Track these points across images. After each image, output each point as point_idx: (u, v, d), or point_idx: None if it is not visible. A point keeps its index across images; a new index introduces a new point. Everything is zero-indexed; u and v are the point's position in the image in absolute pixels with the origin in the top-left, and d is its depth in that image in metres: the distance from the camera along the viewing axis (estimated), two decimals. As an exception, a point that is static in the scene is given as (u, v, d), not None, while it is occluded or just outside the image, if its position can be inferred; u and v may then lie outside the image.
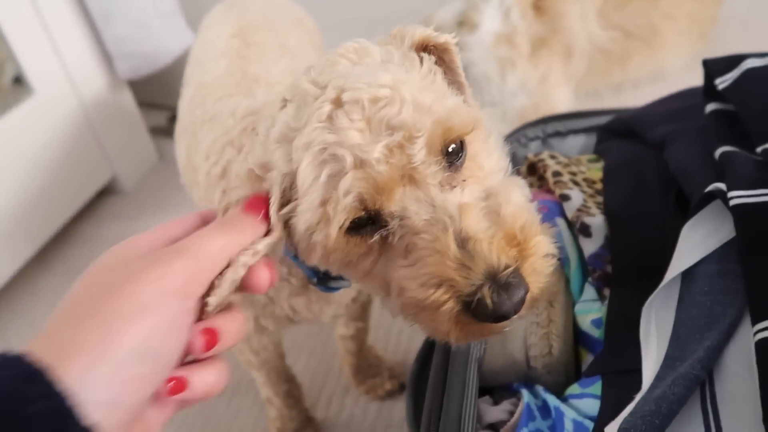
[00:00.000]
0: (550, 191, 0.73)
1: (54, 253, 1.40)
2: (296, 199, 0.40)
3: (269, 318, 0.65)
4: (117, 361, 0.29)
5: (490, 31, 1.40)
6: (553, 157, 0.77)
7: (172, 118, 1.72)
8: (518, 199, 0.41)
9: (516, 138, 0.88)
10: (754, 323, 0.41)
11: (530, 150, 0.87)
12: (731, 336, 0.45)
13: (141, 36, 1.38)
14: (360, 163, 0.37)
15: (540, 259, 0.39)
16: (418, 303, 0.38)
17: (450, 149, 0.40)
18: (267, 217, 0.38)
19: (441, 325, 0.38)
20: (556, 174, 0.72)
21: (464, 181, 0.41)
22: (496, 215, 0.39)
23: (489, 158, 0.43)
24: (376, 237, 0.39)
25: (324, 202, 0.38)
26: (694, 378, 0.43)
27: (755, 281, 0.43)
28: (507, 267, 0.36)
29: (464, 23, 1.43)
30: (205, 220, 0.40)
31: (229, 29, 0.82)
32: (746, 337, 0.43)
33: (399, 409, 0.93)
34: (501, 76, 1.41)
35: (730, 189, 0.47)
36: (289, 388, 0.85)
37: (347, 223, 0.38)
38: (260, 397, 0.89)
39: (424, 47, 0.46)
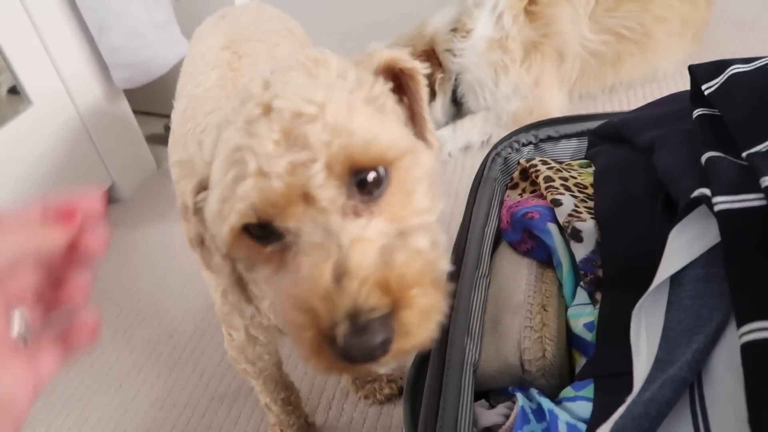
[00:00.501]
0: (542, 196, 0.74)
1: (53, 263, 1.40)
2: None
3: (258, 328, 0.66)
4: None
5: (483, 36, 1.41)
6: (545, 162, 0.78)
7: (169, 127, 1.73)
8: (420, 245, 0.40)
9: (509, 143, 0.89)
10: (738, 326, 0.42)
11: (523, 155, 0.88)
12: (718, 339, 0.46)
13: (137, 46, 1.39)
14: (262, 173, 0.37)
15: (419, 311, 0.37)
16: (288, 322, 0.38)
17: (369, 178, 0.39)
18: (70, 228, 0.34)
19: (303, 350, 0.37)
20: (548, 179, 0.74)
21: (372, 213, 0.40)
22: (389, 256, 0.37)
23: (416, 197, 0.42)
24: (270, 248, 0.40)
25: (224, 200, 0.39)
26: (683, 380, 0.44)
27: (739, 285, 0.44)
28: (372, 310, 0.35)
29: (458, 29, 1.45)
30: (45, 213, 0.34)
31: (219, 41, 0.83)
32: (732, 339, 0.44)
33: (398, 413, 0.94)
34: (494, 81, 1.42)
35: (714, 194, 0.48)
36: (287, 395, 0.86)
37: (238, 225, 0.39)
38: (260, 404, 0.90)
39: (392, 70, 0.46)
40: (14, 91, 1.29)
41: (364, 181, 0.39)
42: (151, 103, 1.74)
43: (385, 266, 0.37)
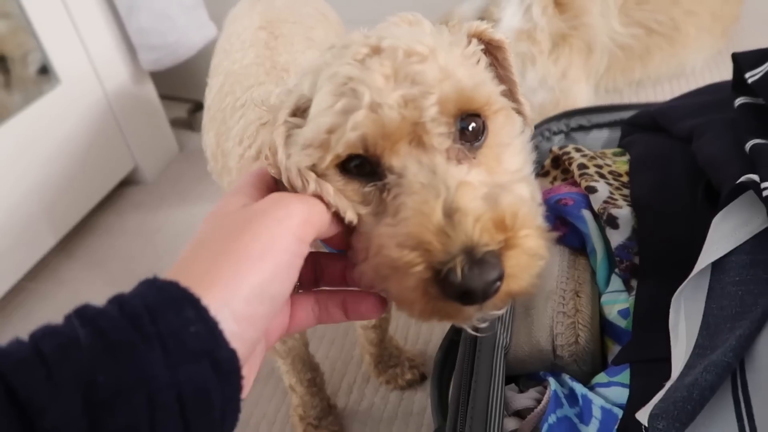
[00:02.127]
0: (575, 184, 0.73)
1: (77, 242, 1.42)
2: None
3: None
4: (244, 299, 0.30)
5: (511, 27, 1.40)
6: (578, 150, 0.77)
7: (193, 111, 1.74)
8: (523, 193, 0.40)
9: (540, 132, 0.88)
10: (788, 312, 0.41)
11: (554, 143, 0.88)
12: (763, 325, 0.45)
13: (164, 28, 1.39)
14: (375, 106, 0.37)
15: (526, 253, 0.36)
16: (391, 263, 0.36)
17: (470, 128, 0.39)
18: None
19: (407, 292, 0.36)
20: (582, 167, 0.73)
21: (475, 160, 0.40)
22: (493, 201, 0.37)
23: (509, 154, 0.42)
24: (370, 187, 0.39)
25: (330, 131, 0.38)
26: (726, 365, 0.44)
27: (789, 270, 0.43)
28: (486, 245, 0.34)
29: (485, 19, 1.44)
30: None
31: (256, 22, 0.83)
32: (778, 325, 0.44)
33: (419, 398, 0.94)
34: (521, 72, 1.41)
35: (763, 180, 0.48)
36: (313, 376, 0.87)
37: (344, 156, 0.38)
38: (281, 385, 0.90)
39: (480, 40, 0.45)
40: (44, 70, 1.30)
41: (465, 129, 0.39)
42: (176, 87, 1.75)
43: (491, 209, 0.36)
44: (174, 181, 1.59)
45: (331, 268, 0.43)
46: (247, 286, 0.30)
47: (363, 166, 0.39)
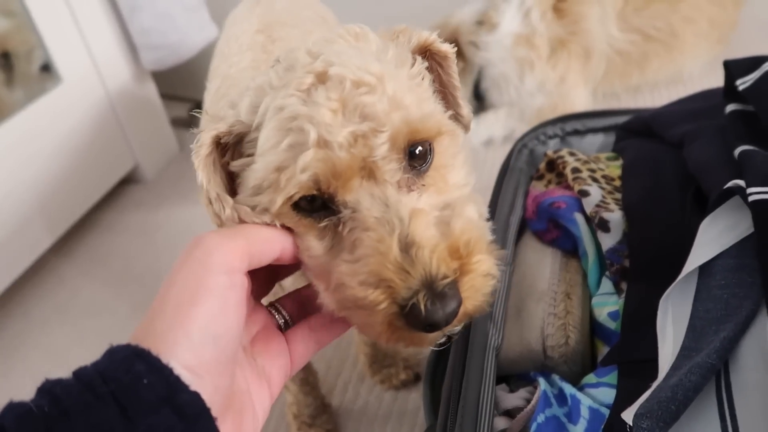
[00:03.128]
0: (568, 187, 0.74)
1: (77, 240, 1.43)
2: (249, 155, 0.40)
3: None
4: (188, 347, 0.30)
5: (510, 31, 1.41)
6: (572, 154, 0.78)
7: (193, 110, 1.75)
8: (471, 215, 0.41)
9: (535, 135, 0.89)
10: (770, 314, 0.42)
11: (549, 147, 0.89)
12: (747, 328, 0.46)
13: (166, 28, 1.40)
14: (323, 143, 0.37)
15: (480, 276, 0.38)
16: (355, 301, 0.37)
17: (417, 152, 0.40)
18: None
19: (374, 326, 0.38)
20: (576, 170, 0.74)
21: (424, 186, 0.41)
22: (445, 226, 0.39)
23: (454, 172, 0.43)
24: (326, 222, 0.39)
25: (279, 169, 0.37)
26: (710, 367, 0.44)
27: (772, 274, 0.44)
28: (445, 277, 0.36)
29: (484, 23, 1.45)
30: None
31: (254, 25, 0.84)
32: (762, 329, 0.45)
33: (413, 398, 0.95)
34: (519, 77, 1.42)
35: (749, 185, 0.49)
36: (305, 375, 0.87)
37: (296, 197, 0.38)
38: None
39: (424, 51, 0.46)
40: (47, 68, 1.31)
41: (413, 152, 0.40)
42: (176, 86, 1.76)
43: (444, 236, 0.38)
44: (174, 180, 1.60)
45: (314, 297, 0.41)
46: (187, 333, 0.30)
47: (314, 201, 0.39)
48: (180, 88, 1.77)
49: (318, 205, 0.39)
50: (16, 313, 1.27)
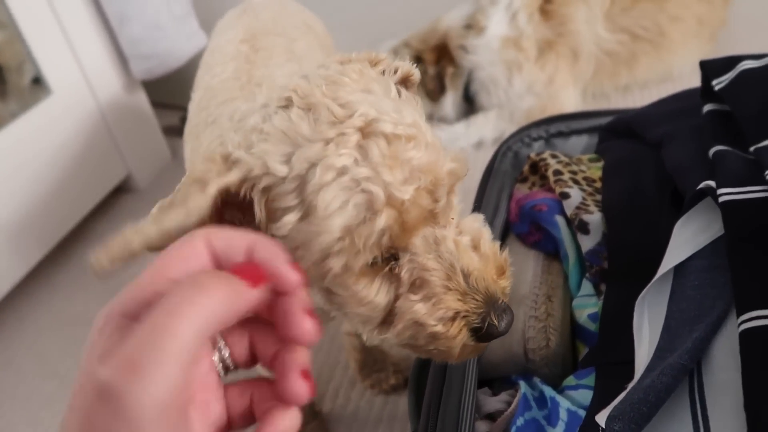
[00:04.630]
0: (550, 190, 0.74)
1: (70, 249, 1.43)
2: (284, 209, 0.39)
3: None
4: None
5: (498, 34, 1.42)
6: (554, 156, 0.79)
7: (185, 118, 1.75)
8: (489, 235, 0.46)
9: (520, 138, 0.89)
10: (738, 314, 0.43)
11: (533, 149, 0.89)
12: (719, 328, 0.46)
13: (156, 38, 1.41)
14: (391, 202, 0.38)
15: (507, 280, 0.46)
16: (434, 335, 0.42)
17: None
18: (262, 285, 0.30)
19: (451, 351, 0.43)
20: (557, 173, 0.74)
21: (452, 219, 0.45)
22: (477, 248, 0.44)
23: (454, 195, 0.46)
24: (386, 269, 0.42)
25: (348, 231, 0.38)
26: (682, 368, 0.45)
27: (740, 275, 0.44)
28: (502, 295, 0.43)
29: (472, 26, 1.45)
30: (217, 261, 0.31)
31: (239, 34, 0.84)
32: (732, 328, 0.45)
33: (403, 403, 0.95)
34: (508, 79, 1.43)
35: (719, 186, 0.49)
36: None
37: (374, 257, 0.41)
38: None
39: (404, 81, 0.49)
40: (38, 80, 1.32)
41: None
42: (168, 94, 1.76)
43: (483, 259, 0.44)
44: (167, 188, 1.58)
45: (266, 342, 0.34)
46: None
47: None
48: (171, 96, 1.77)
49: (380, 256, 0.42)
50: (12, 319, 1.28)
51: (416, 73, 0.50)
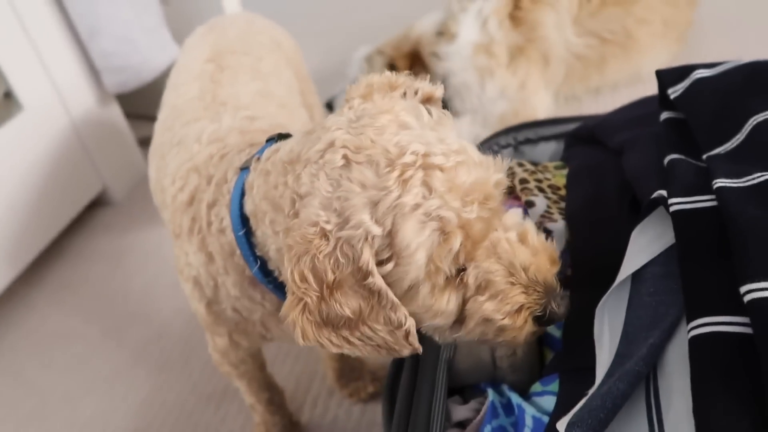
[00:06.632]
0: (517, 198, 0.76)
1: (47, 267, 1.42)
2: (386, 258, 0.44)
3: (242, 335, 0.68)
4: None
5: (469, 41, 1.43)
6: (520, 164, 0.80)
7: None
8: (534, 228, 0.51)
9: (488, 146, 0.91)
10: (688, 321, 0.44)
11: (503, 157, 0.90)
12: (672, 334, 0.47)
13: (127, 50, 1.40)
14: (462, 223, 0.44)
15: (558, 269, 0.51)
16: (501, 327, 0.48)
17: None
18: None
19: (518, 339, 0.49)
20: (523, 181, 0.76)
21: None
22: (525, 243, 0.49)
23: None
24: (459, 279, 0.47)
25: (430, 259, 0.44)
26: (637, 374, 0.46)
27: (690, 282, 0.46)
28: (557, 283, 0.50)
29: (443, 33, 1.47)
30: None
31: (205, 53, 0.85)
32: (684, 335, 0.46)
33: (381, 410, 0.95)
34: (480, 85, 1.44)
35: (670, 196, 0.50)
36: (271, 395, 0.88)
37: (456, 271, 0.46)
38: (246, 404, 0.91)
39: (427, 100, 0.53)
40: (9, 96, 1.30)
41: None
42: (143, 105, 1.75)
43: (533, 252, 0.49)
44: (143, 200, 1.59)
45: None
46: None
47: None
48: (146, 107, 1.76)
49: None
50: (-14, 342, 1.27)
51: (439, 91, 0.54)
